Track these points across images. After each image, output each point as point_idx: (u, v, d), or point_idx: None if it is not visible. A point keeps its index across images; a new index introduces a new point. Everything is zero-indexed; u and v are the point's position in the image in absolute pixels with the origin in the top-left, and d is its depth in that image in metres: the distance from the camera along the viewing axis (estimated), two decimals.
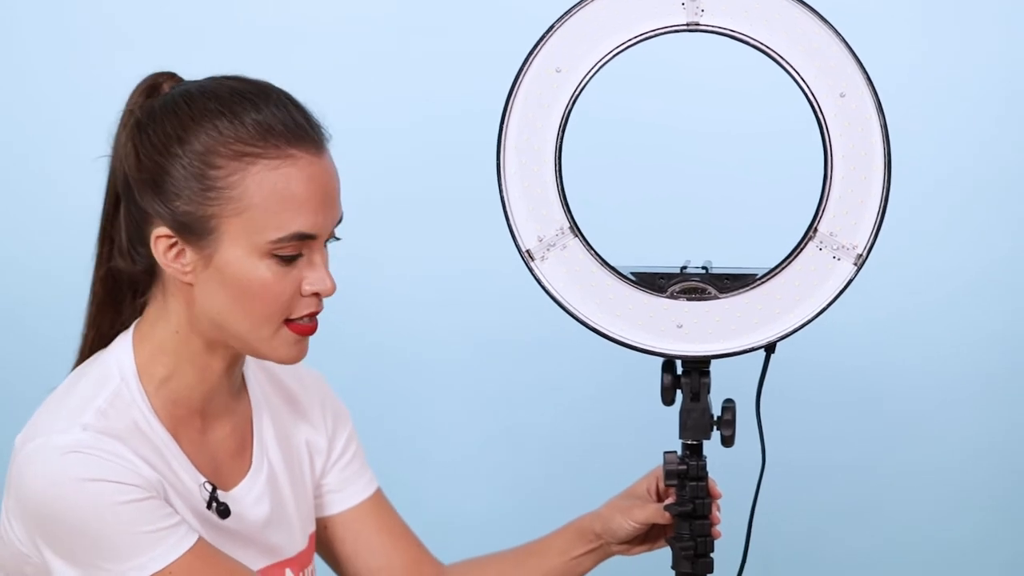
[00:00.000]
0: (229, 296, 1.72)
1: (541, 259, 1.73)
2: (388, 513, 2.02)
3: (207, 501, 1.79)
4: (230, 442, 1.85)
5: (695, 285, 1.73)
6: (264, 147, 1.69)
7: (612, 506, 1.92)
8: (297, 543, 1.90)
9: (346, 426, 2.00)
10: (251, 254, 1.70)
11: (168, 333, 1.77)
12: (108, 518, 1.68)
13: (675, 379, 1.76)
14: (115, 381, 1.75)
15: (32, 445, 1.70)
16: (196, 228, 1.70)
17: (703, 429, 1.76)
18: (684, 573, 1.78)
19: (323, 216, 1.71)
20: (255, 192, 1.69)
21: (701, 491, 1.77)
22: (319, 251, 1.73)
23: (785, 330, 1.72)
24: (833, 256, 1.71)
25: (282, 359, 1.76)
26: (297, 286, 1.72)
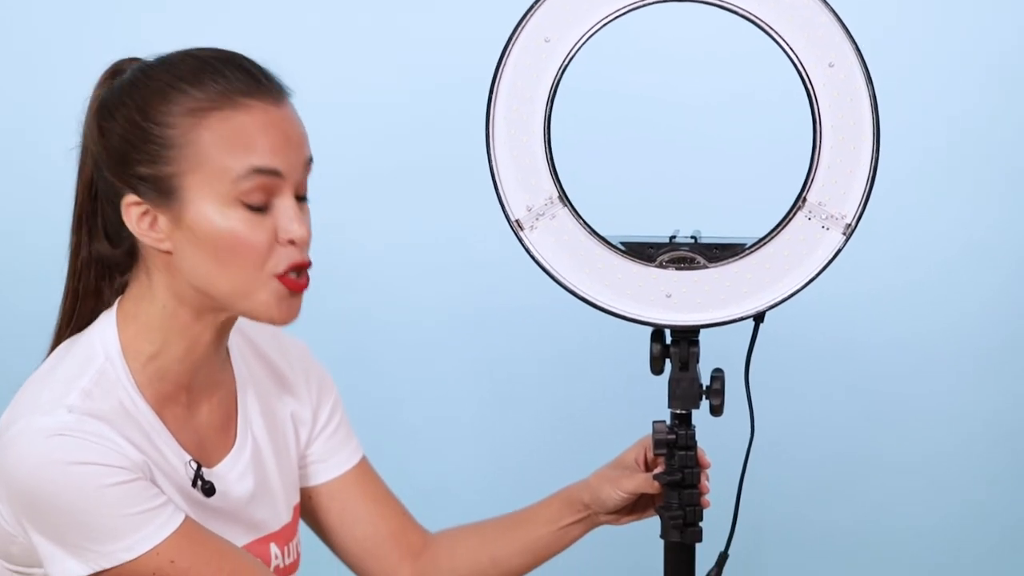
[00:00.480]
0: (207, 256, 1.71)
1: (530, 229, 1.73)
2: (374, 481, 2.03)
3: (192, 479, 1.79)
4: (215, 417, 1.85)
5: (684, 254, 1.73)
6: (218, 101, 1.70)
7: (600, 476, 1.93)
8: (281, 517, 1.91)
9: (330, 395, 2.00)
10: (218, 205, 1.70)
11: (155, 309, 1.77)
12: (94, 500, 1.68)
13: (664, 348, 1.76)
14: (99, 360, 1.75)
15: (16, 427, 1.70)
16: (161, 190, 1.71)
17: (692, 398, 1.76)
18: (673, 542, 1.79)
19: (283, 154, 1.71)
20: (209, 142, 1.69)
21: (690, 460, 1.77)
22: (289, 197, 1.72)
23: (774, 300, 1.73)
24: (822, 226, 1.71)
25: (273, 318, 1.74)
26: (272, 236, 1.71)
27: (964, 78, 2.89)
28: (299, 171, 1.73)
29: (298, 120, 1.75)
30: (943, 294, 2.94)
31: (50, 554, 1.71)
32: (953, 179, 2.92)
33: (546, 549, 1.98)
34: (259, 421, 1.89)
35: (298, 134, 1.74)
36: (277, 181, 1.71)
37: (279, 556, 1.88)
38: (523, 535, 1.98)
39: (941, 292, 2.94)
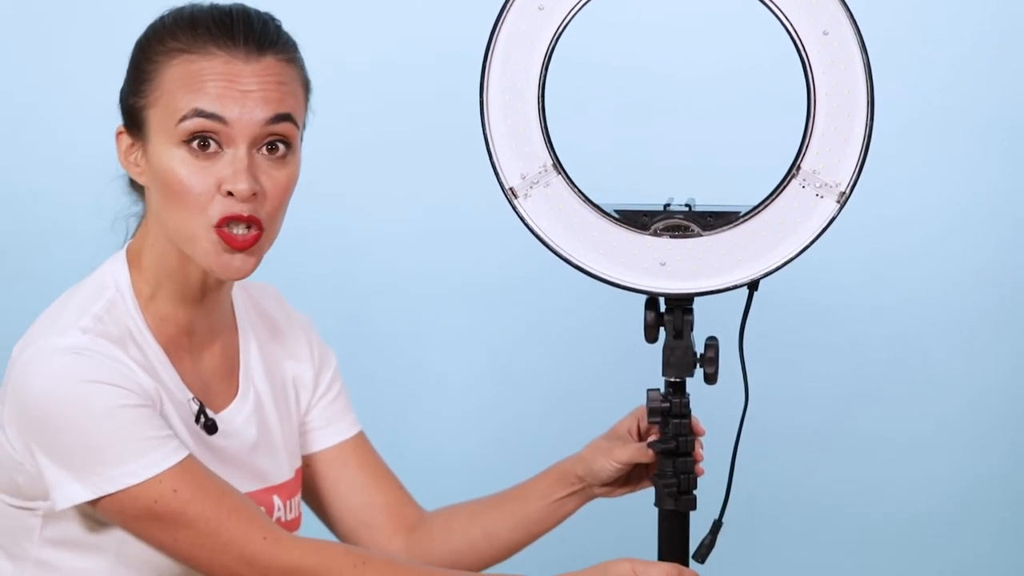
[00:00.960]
0: (159, 192, 1.76)
1: (524, 197, 1.73)
2: (371, 454, 2.03)
3: (195, 416, 1.80)
4: (218, 367, 1.87)
5: (678, 223, 1.73)
6: (190, 43, 1.75)
7: (593, 448, 1.93)
8: (284, 472, 1.91)
9: (331, 365, 2.01)
10: (167, 143, 1.74)
11: (148, 249, 1.80)
12: (104, 420, 1.69)
13: (658, 317, 1.76)
14: (110, 291, 1.78)
15: (31, 350, 1.72)
16: (134, 120, 1.77)
17: (686, 366, 1.76)
18: (667, 510, 1.79)
19: (233, 103, 1.73)
20: (169, 80, 1.74)
21: (684, 428, 1.77)
22: (240, 148, 1.74)
23: (768, 267, 1.72)
24: (816, 194, 1.71)
25: (212, 268, 1.76)
26: (216, 184, 1.73)
27: (958, 45, 2.89)
28: (254, 124, 1.74)
29: (272, 79, 1.76)
30: (937, 262, 2.95)
31: (55, 478, 1.72)
32: (946, 146, 2.92)
33: (539, 524, 1.98)
34: (261, 376, 1.91)
35: (263, 90, 1.75)
36: (223, 128, 1.73)
37: (281, 509, 1.89)
38: (516, 510, 1.98)
39: (935, 259, 2.95)
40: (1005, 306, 2.96)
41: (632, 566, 1.70)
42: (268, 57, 1.76)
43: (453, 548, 2.01)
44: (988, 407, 2.99)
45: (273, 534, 1.73)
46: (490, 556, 2.00)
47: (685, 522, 1.79)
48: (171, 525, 1.72)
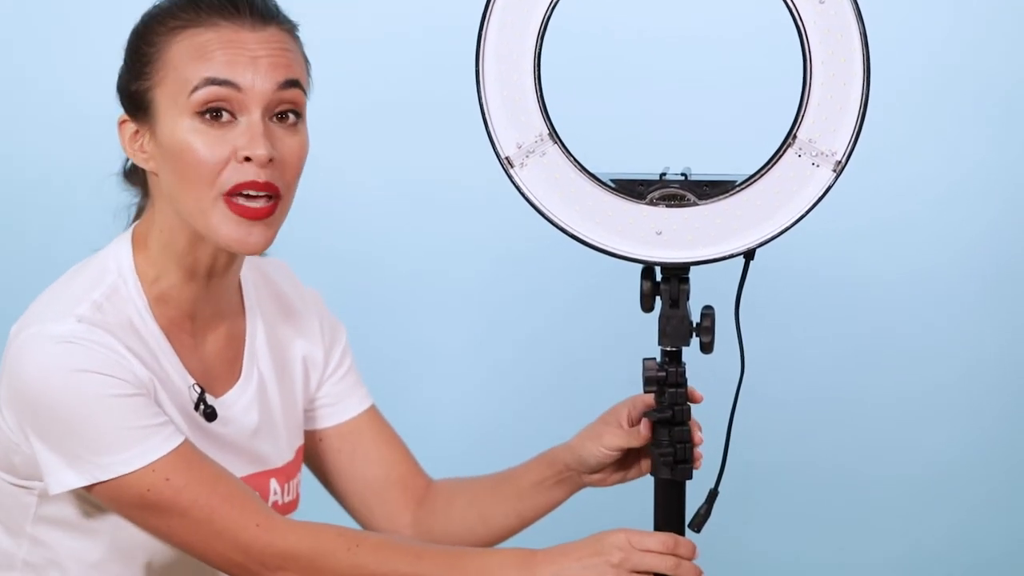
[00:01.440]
0: (171, 171, 1.74)
1: (520, 166, 1.73)
2: (385, 427, 2.04)
3: (195, 403, 1.81)
4: (221, 350, 1.87)
5: (674, 192, 1.73)
6: (194, 18, 1.74)
7: (582, 435, 1.92)
8: (284, 454, 1.92)
9: (341, 340, 2.02)
10: (178, 117, 1.73)
11: (155, 233, 1.80)
12: (96, 410, 1.69)
13: (654, 286, 1.75)
14: (112, 276, 1.78)
15: (26, 334, 1.72)
16: (139, 104, 1.76)
17: (682, 335, 1.76)
18: (663, 480, 1.79)
19: (244, 69, 1.73)
20: (175, 55, 1.73)
21: (680, 398, 1.77)
22: (253, 114, 1.73)
23: (764, 236, 1.72)
24: (812, 163, 1.71)
25: (225, 241, 1.75)
26: (230, 152, 1.73)
27: (956, 12, 2.88)
28: (267, 90, 1.74)
29: (278, 45, 1.76)
30: (934, 230, 2.95)
31: (49, 463, 1.72)
32: (939, 115, 2.91)
33: (531, 511, 1.98)
34: (266, 358, 1.91)
35: (271, 55, 1.74)
36: (236, 95, 1.73)
37: (278, 492, 1.89)
38: (509, 495, 1.98)
39: (932, 228, 2.95)
40: (1001, 275, 2.96)
41: (627, 536, 1.71)
42: (272, 27, 1.76)
43: (452, 531, 2.01)
44: (987, 376, 2.99)
45: (267, 520, 1.74)
46: (487, 538, 2.00)
47: (681, 492, 1.79)
48: (164, 513, 1.72)
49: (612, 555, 1.70)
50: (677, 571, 1.71)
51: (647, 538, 1.72)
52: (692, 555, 1.73)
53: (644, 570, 1.70)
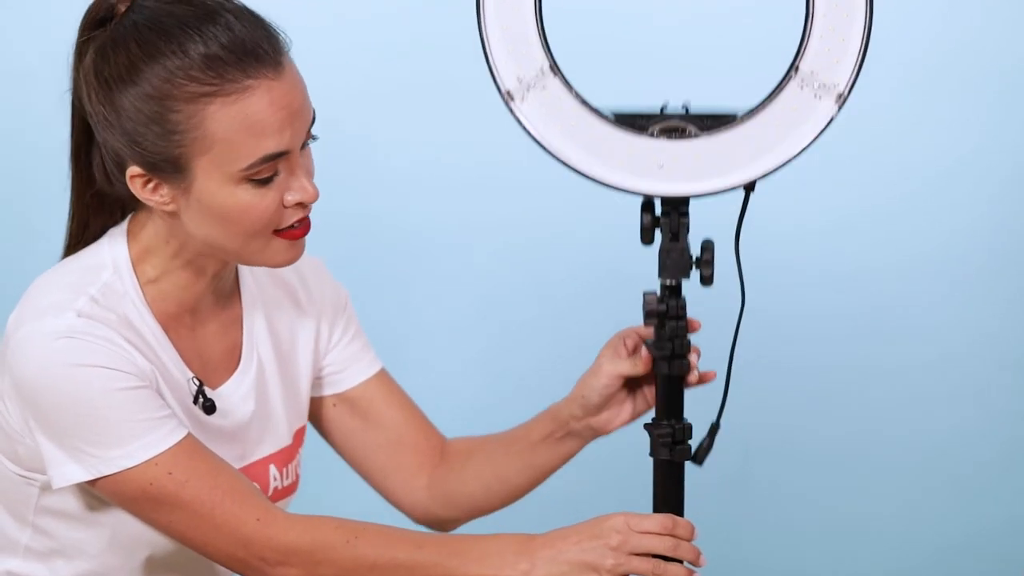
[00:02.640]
0: (213, 222, 1.73)
1: (521, 100, 1.72)
2: (397, 389, 2.04)
3: (193, 396, 1.81)
4: (220, 339, 1.87)
5: (676, 125, 1.72)
6: (219, 83, 1.67)
7: (581, 379, 1.92)
8: (282, 439, 1.92)
9: (344, 306, 2.01)
10: (226, 184, 1.70)
11: (159, 240, 1.79)
12: (100, 404, 1.69)
13: (654, 219, 1.75)
14: (107, 272, 1.77)
15: (24, 329, 1.71)
16: (167, 168, 1.71)
17: (682, 268, 1.75)
18: (662, 460, 1.78)
19: (290, 132, 1.71)
20: (217, 128, 1.68)
21: (680, 331, 1.78)
22: (295, 161, 1.73)
23: (766, 169, 1.72)
24: (814, 95, 1.70)
25: (279, 265, 1.77)
26: (279, 200, 1.73)
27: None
28: (304, 136, 1.73)
29: (298, 80, 1.73)
30: (935, 207, 2.95)
31: (52, 456, 1.72)
32: (941, 94, 2.91)
33: (545, 465, 1.97)
34: (266, 343, 1.91)
35: (300, 101, 1.72)
36: (287, 157, 1.72)
37: (277, 478, 1.90)
38: (521, 452, 1.97)
39: (933, 205, 2.95)
40: (1004, 250, 2.97)
41: (625, 519, 1.71)
42: (284, 59, 1.72)
43: (469, 490, 2.01)
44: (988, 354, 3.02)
45: (267, 515, 1.74)
46: (505, 496, 2.00)
47: (680, 473, 1.79)
48: (166, 506, 1.72)
49: (610, 538, 1.70)
50: (676, 552, 1.71)
51: (645, 520, 1.72)
52: (691, 536, 1.74)
53: (643, 552, 1.70)
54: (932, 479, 3.06)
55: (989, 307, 2.99)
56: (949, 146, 2.95)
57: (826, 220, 2.97)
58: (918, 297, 3.00)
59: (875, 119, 2.92)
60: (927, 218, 2.98)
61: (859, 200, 2.96)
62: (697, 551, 1.73)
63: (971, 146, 2.95)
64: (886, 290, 3.01)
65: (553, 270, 2.95)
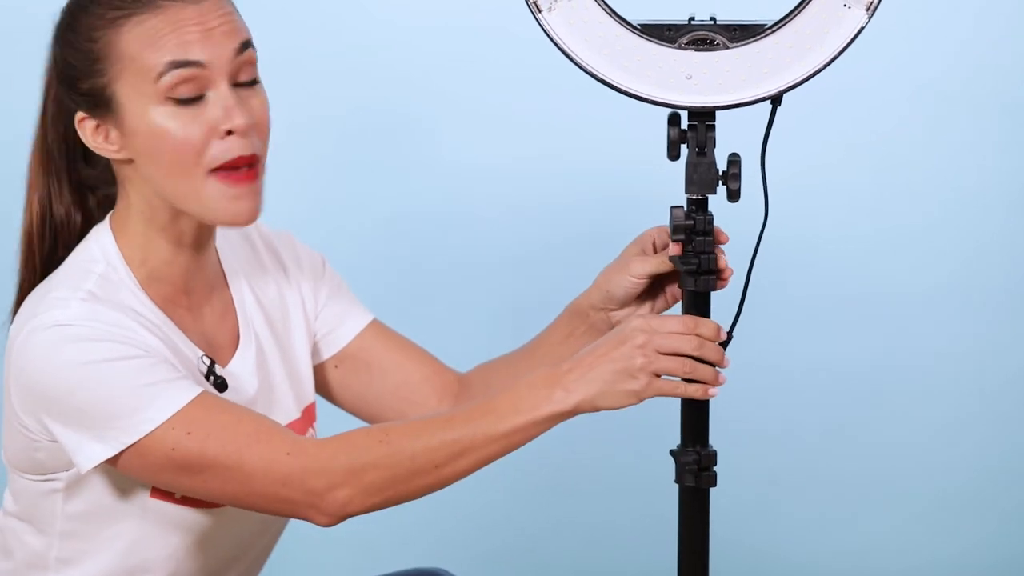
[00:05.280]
0: (151, 158, 1.73)
1: (548, 10, 1.71)
2: (394, 334, 2.03)
3: (205, 373, 1.80)
4: (220, 321, 1.87)
5: (705, 35, 1.71)
6: (134, 6, 1.71)
7: (607, 271, 1.90)
8: (290, 413, 1.92)
9: (324, 267, 2.01)
10: (148, 106, 1.72)
11: (134, 216, 1.79)
12: (106, 374, 1.68)
13: (681, 133, 1.74)
14: (101, 266, 1.77)
15: (26, 329, 1.72)
16: (100, 102, 1.74)
17: (709, 183, 1.74)
18: (688, 487, 1.77)
19: (202, 44, 1.72)
20: (128, 45, 1.71)
21: (707, 246, 1.76)
22: (222, 86, 1.73)
23: (794, 80, 1.71)
24: (844, 4, 1.69)
25: (225, 218, 1.75)
26: (208, 129, 1.73)
27: (959, 22, 2.91)
28: (227, 59, 1.73)
29: (221, 12, 1.74)
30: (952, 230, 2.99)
31: (73, 442, 1.71)
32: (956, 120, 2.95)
33: None
34: (260, 319, 1.90)
35: (221, 24, 1.73)
36: (203, 72, 1.72)
37: None
38: (540, 357, 1.95)
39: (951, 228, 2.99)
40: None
41: (647, 320, 1.70)
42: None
43: None
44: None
45: (297, 446, 1.72)
46: None
47: (705, 500, 1.78)
48: (195, 469, 1.71)
49: (636, 338, 1.68)
50: (700, 351, 1.70)
51: (668, 321, 1.70)
52: (716, 336, 1.72)
53: (669, 351, 1.68)
54: (961, 507, 3.08)
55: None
56: (963, 168, 2.97)
57: (842, 243, 3.00)
58: (943, 323, 3.03)
59: (888, 141, 2.97)
60: (946, 242, 3.01)
61: (872, 223, 3.01)
62: (721, 352, 1.72)
63: (984, 168, 2.98)
64: (908, 315, 3.04)
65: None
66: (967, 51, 2.97)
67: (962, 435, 3.06)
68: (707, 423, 1.78)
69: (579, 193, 2.94)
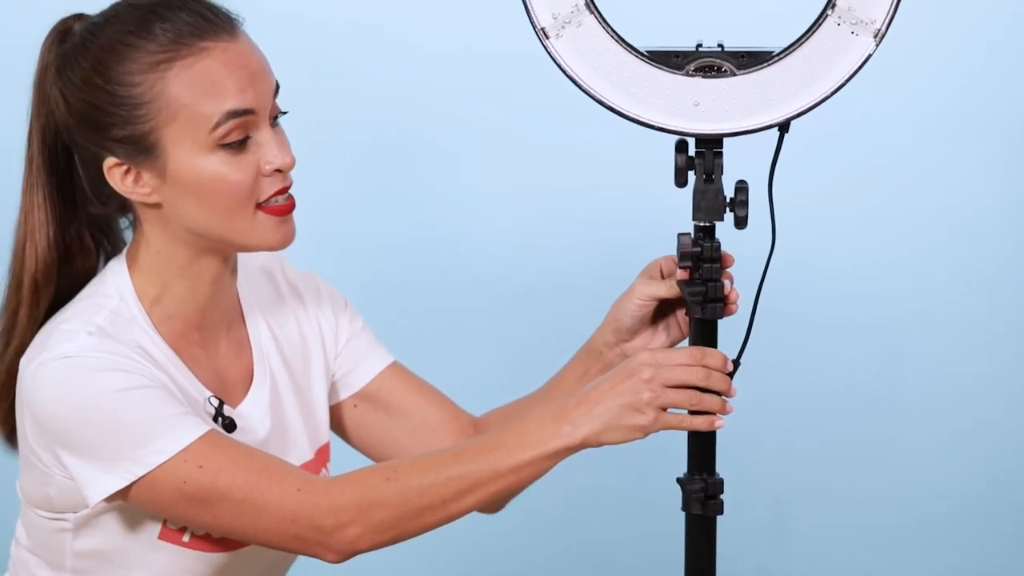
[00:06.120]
0: (195, 201, 1.73)
1: (556, 37, 1.71)
2: (412, 376, 2.03)
3: (213, 415, 1.80)
4: (234, 360, 1.87)
5: (712, 62, 1.72)
6: (175, 48, 1.71)
7: (612, 306, 1.90)
8: (303, 453, 1.91)
9: (346, 306, 2.01)
10: (199, 152, 1.72)
11: (150, 255, 1.79)
12: (118, 404, 1.68)
13: (688, 160, 1.74)
14: (114, 301, 1.77)
15: (37, 361, 1.72)
16: (141, 148, 1.73)
17: (716, 210, 1.74)
18: (695, 516, 1.77)
19: (252, 90, 1.73)
20: (179, 92, 1.71)
21: (715, 272, 1.76)
22: (265, 129, 1.75)
23: (801, 107, 1.71)
24: (851, 31, 1.70)
25: (271, 245, 1.77)
26: (256, 169, 1.74)
27: (970, 52, 2.95)
28: (270, 100, 1.75)
29: (257, 49, 1.76)
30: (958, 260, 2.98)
31: (84, 475, 1.71)
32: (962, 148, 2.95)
33: None
34: (275, 356, 1.90)
35: (261, 64, 1.75)
36: (252, 118, 1.73)
37: None
38: (556, 398, 1.92)
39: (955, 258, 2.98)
40: None
41: (652, 354, 1.69)
42: (238, 28, 1.76)
43: None
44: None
45: (307, 484, 1.72)
46: None
47: (712, 528, 1.78)
48: (206, 502, 1.70)
49: (643, 372, 1.68)
50: (708, 382, 1.70)
51: (673, 354, 1.70)
52: (722, 366, 1.71)
53: (675, 383, 1.68)
54: (972, 530, 3.07)
55: None
56: (972, 196, 2.98)
57: (849, 269, 3.01)
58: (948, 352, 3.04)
59: (895, 169, 3.00)
60: (953, 269, 3.02)
61: (878, 252, 3.01)
62: (728, 381, 1.72)
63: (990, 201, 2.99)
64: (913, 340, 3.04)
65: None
66: (975, 82, 2.97)
67: (971, 458, 3.05)
68: (714, 451, 1.78)
69: (588, 222, 2.95)
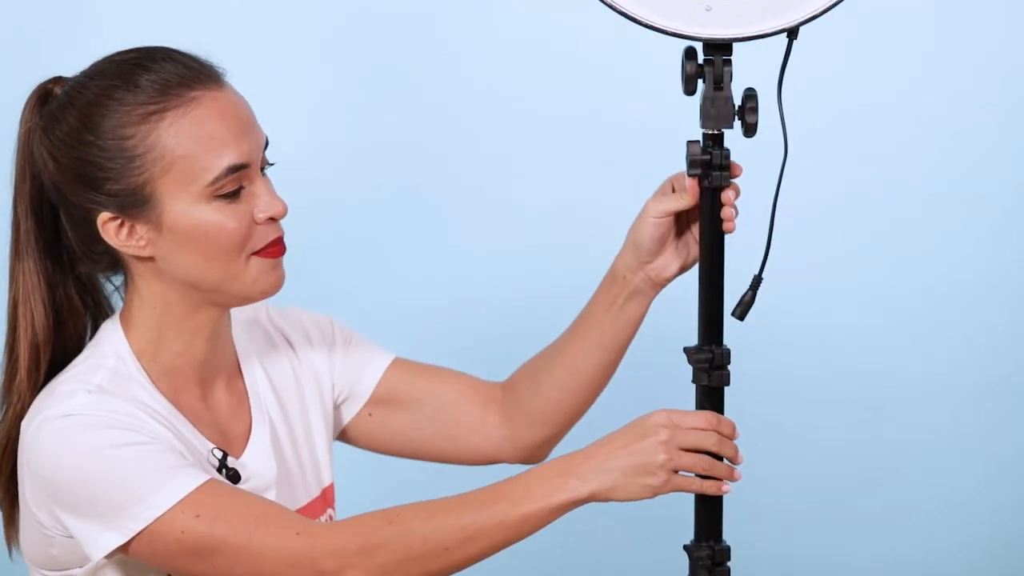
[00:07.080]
0: (190, 251, 1.74)
1: None
2: (418, 365, 2.03)
3: (217, 467, 1.80)
4: (232, 406, 1.87)
5: None
6: (165, 100, 1.72)
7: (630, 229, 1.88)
8: (311, 490, 1.92)
9: (332, 328, 2.00)
10: (195, 203, 1.73)
11: (145, 311, 1.79)
12: (113, 461, 1.68)
13: (698, 67, 1.74)
14: (111, 360, 1.77)
15: (37, 421, 1.72)
16: (135, 201, 1.73)
17: (726, 118, 1.74)
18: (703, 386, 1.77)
19: (247, 142, 1.74)
20: (174, 144, 1.71)
21: (724, 180, 1.76)
22: (258, 179, 1.76)
23: (812, 11, 1.71)
24: None
25: (264, 291, 1.78)
26: (250, 218, 1.74)
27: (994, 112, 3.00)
28: (261, 151, 1.77)
29: (242, 98, 1.77)
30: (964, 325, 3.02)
31: (86, 533, 1.71)
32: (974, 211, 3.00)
33: (614, 340, 1.92)
34: (272, 400, 1.90)
35: (249, 114, 1.77)
36: (247, 171, 1.74)
37: None
38: (589, 334, 1.93)
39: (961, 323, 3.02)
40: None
41: (669, 415, 1.69)
42: (223, 78, 1.78)
43: (547, 397, 1.97)
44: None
45: (306, 528, 1.72)
46: (583, 392, 1.96)
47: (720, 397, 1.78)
48: (204, 552, 1.70)
49: (659, 434, 1.67)
50: (719, 448, 1.70)
51: (689, 416, 1.70)
52: (733, 434, 1.72)
53: (691, 447, 1.68)
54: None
55: None
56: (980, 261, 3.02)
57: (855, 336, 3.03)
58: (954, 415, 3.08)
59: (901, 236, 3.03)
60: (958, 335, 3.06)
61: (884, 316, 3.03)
62: (737, 448, 1.72)
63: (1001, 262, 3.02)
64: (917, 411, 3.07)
65: None
66: (993, 154, 3.01)
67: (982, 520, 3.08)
68: (720, 518, 1.77)
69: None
